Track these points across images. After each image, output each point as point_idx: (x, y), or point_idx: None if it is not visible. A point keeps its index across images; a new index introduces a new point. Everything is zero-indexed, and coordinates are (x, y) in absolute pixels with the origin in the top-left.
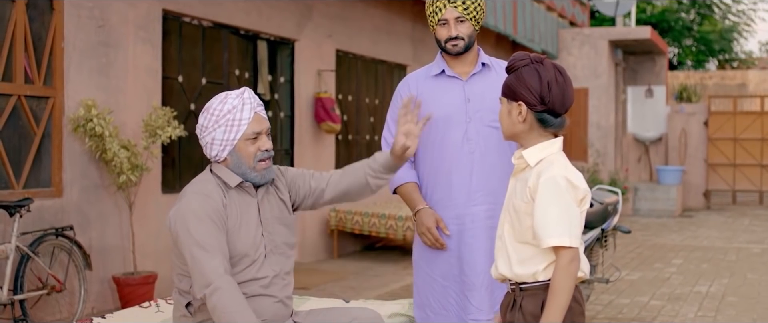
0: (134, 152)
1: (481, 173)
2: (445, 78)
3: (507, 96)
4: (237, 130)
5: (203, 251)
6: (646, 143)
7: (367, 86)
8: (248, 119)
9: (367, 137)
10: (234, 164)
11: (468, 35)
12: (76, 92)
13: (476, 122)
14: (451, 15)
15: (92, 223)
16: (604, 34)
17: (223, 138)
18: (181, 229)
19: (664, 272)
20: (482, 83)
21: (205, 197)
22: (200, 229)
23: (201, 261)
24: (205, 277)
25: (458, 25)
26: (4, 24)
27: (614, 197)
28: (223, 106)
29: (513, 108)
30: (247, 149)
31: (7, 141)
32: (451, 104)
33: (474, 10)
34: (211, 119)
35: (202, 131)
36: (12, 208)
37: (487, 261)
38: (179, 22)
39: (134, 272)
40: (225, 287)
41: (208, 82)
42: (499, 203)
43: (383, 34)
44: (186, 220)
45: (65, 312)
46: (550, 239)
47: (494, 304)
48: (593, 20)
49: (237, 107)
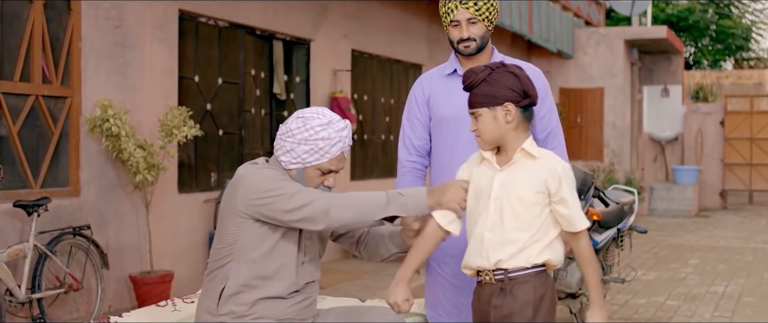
0: (150, 152)
1: None
2: (457, 78)
3: (487, 105)
4: (318, 158)
5: (304, 191)
6: (662, 143)
7: (383, 86)
8: (333, 156)
9: (383, 136)
10: (297, 179)
11: (480, 36)
12: (93, 91)
13: None
14: (463, 16)
15: (109, 222)
16: (620, 34)
17: (302, 156)
18: (272, 191)
19: (680, 272)
20: None
21: (276, 171)
22: (291, 184)
23: (309, 194)
24: (323, 198)
25: (470, 26)
26: (22, 24)
27: (630, 197)
28: (321, 131)
29: (498, 113)
30: (314, 178)
31: (25, 141)
32: (462, 103)
33: (486, 11)
34: (303, 133)
35: (287, 134)
36: (30, 207)
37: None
38: (195, 22)
39: (151, 271)
40: (344, 193)
41: (224, 82)
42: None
43: (399, 34)
44: (275, 183)
45: (82, 311)
46: (581, 223)
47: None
48: (609, 20)
49: (332, 139)
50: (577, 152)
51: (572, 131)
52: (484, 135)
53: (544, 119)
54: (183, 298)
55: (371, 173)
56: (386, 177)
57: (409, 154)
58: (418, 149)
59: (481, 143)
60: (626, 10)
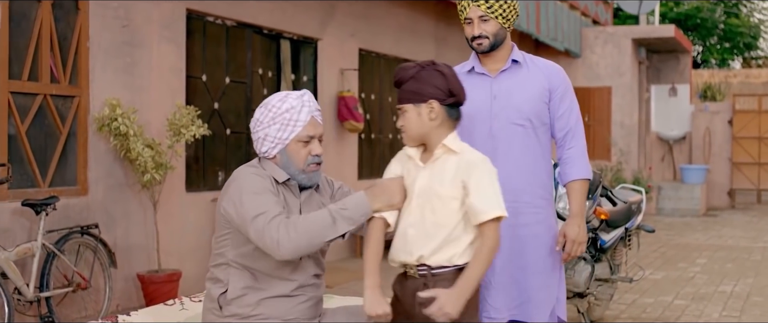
0: (158, 151)
1: (504, 171)
2: (474, 75)
3: (412, 101)
4: (291, 130)
5: (266, 215)
6: (670, 142)
7: (390, 85)
8: (304, 122)
9: (390, 136)
10: (282, 164)
11: (493, 34)
12: (101, 91)
13: (501, 119)
14: (475, 14)
15: (117, 221)
16: (628, 33)
17: (277, 136)
18: (239, 205)
19: (688, 271)
20: (510, 80)
21: (258, 175)
22: (259, 200)
23: (268, 224)
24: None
25: (482, 23)
26: (30, 24)
27: (638, 196)
28: (282, 104)
29: (422, 110)
30: (298, 152)
31: (34, 140)
32: (477, 100)
33: (500, 9)
34: (268, 115)
35: (256, 125)
36: (38, 206)
37: (505, 261)
38: (203, 21)
39: (158, 270)
40: (297, 219)
41: (232, 81)
42: (520, 201)
43: (406, 33)
44: (245, 195)
45: (90, 310)
46: (493, 211)
47: (510, 304)
48: (616, 18)
49: (295, 108)
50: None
51: None
52: (409, 131)
53: (562, 117)
54: (191, 297)
55: (378, 172)
56: None
57: None
58: None
59: (406, 138)
60: (634, 9)
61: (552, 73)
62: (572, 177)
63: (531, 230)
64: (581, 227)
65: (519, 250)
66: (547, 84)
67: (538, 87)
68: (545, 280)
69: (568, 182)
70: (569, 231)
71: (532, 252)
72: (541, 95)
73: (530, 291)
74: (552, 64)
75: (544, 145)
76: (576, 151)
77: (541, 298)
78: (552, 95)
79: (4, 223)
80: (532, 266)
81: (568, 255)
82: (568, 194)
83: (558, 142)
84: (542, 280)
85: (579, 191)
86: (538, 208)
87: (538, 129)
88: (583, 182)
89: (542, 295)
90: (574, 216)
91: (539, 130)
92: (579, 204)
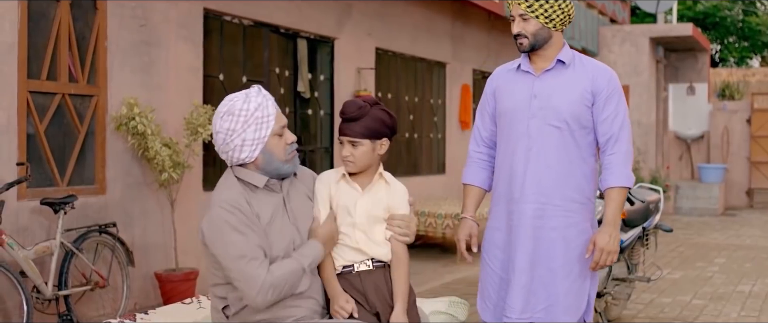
0: (176, 150)
1: (535, 171)
2: (520, 72)
3: (370, 138)
4: (266, 126)
5: (245, 260)
6: (688, 141)
7: (407, 84)
8: (274, 114)
9: (406, 134)
10: (265, 162)
11: (532, 33)
12: (119, 90)
13: (538, 119)
14: (516, 12)
15: (135, 220)
16: (646, 31)
17: (255, 137)
18: (218, 244)
19: (706, 271)
20: (553, 81)
21: (233, 205)
22: (238, 240)
23: (248, 271)
24: (256, 282)
25: (522, 22)
26: (49, 23)
27: (656, 196)
28: (247, 105)
29: (376, 146)
30: (277, 145)
31: (52, 139)
32: (518, 98)
33: (540, 8)
34: (239, 121)
35: (229, 135)
36: (57, 205)
37: (526, 260)
38: (220, 20)
39: (176, 268)
40: (274, 273)
41: (249, 80)
42: (549, 203)
43: (423, 32)
44: (222, 233)
45: (108, 308)
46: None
47: (527, 306)
48: (634, 17)
49: (262, 104)
50: None
51: None
52: (359, 161)
53: (605, 121)
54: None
55: (395, 171)
56: (410, 175)
57: (476, 145)
58: (485, 140)
59: (351, 166)
60: (652, 7)
61: (598, 76)
62: (609, 184)
63: (561, 233)
64: (613, 237)
65: (547, 252)
66: (591, 87)
67: (579, 89)
68: (574, 285)
69: (605, 189)
70: (600, 240)
71: (561, 255)
72: (582, 97)
73: (558, 294)
74: (602, 66)
75: (584, 148)
76: (617, 158)
77: (569, 303)
78: (596, 98)
79: (23, 222)
80: (561, 269)
81: (596, 264)
82: (605, 201)
83: (601, 147)
84: (570, 285)
85: (615, 199)
86: (570, 211)
87: (575, 132)
88: (620, 189)
89: (570, 300)
90: (606, 224)
91: (578, 133)
92: (614, 213)
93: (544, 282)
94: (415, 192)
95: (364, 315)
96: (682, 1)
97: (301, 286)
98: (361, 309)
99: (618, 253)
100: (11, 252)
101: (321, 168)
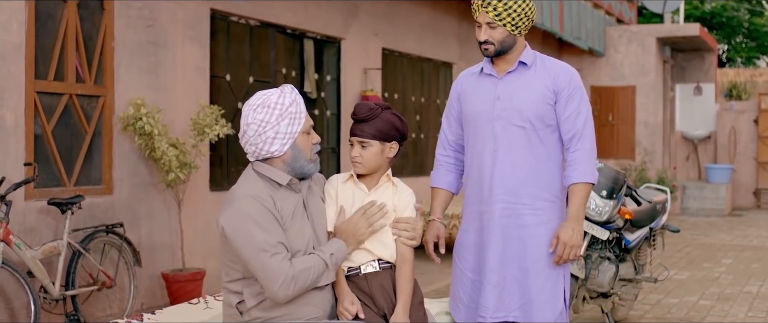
0: (183, 151)
1: (502, 171)
2: (483, 76)
3: (380, 139)
4: (299, 122)
5: (269, 254)
6: (695, 142)
7: (413, 84)
8: (305, 113)
9: (413, 135)
10: (292, 158)
11: (499, 41)
12: (126, 90)
13: (503, 120)
14: (483, 19)
15: (142, 220)
16: (652, 31)
17: (287, 131)
18: (241, 237)
19: (713, 271)
20: (515, 82)
21: (256, 199)
22: (261, 234)
23: (270, 265)
24: (279, 275)
25: (489, 29)
26: (56, 24)
27: (663, 196)
28: (283, 99)
29: (386, 148)
30: (305, 142)
31: (59, 140)
32: (483, 101)
33: (508, 17)
34: (274, 113)
35: (263, 126)
36: (64, 205)
37: (497, 260)
38: (227, 21)
39: (183, 269)
40: (296, 266)
41: (256, 80)
42: (518, 203)
43: (429, 33)
44: (246, 226)
45: (115, 308)
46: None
47: (501, 305)
48: (641, 17)
49: (296, 101)
50: (609, 151)
51: (604, 129)
52: (367, 162)
53: (568, 119)
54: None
55: (401, 172)
56: (417, 175)
57: (443, 149)
58: (452, 143)
59: (359, 167)
60: (658, 7)
61: (559, 75)
62: (572, 181)
63: (531, 231)
64: (575, 231)
65: (518, 251)
66: (552, 86)
67: (541, 89)
68: (547, 283)
69: (569, 185)
70: (563, 234)
71: (532, 253)
72: (544, 96)
73: (532, 292)
74: (562, 65)
75: (550, 147)
76: (580, 154)
77: (544, 300)
78: (558, 96)
79: (30, 222)
80: (532, 267)
81: (560, 258)
82: (569, 197)
83: (565, 144)
84: (543, 282)
85: (578, 195)
86: (539, 210)
87: (540, 131)
88: (584, 185)
89: (544, 297)
90: (570, 219)
91: (542, 132)
92: (577, 208)
93: (517, 281)
94: (422, 192)
95: (371, 316)
96: (689, 1)
97: (324, 280)
98: (368, 310)
99: (581, 248)
100: (18, 252)
101: (327, 169)
